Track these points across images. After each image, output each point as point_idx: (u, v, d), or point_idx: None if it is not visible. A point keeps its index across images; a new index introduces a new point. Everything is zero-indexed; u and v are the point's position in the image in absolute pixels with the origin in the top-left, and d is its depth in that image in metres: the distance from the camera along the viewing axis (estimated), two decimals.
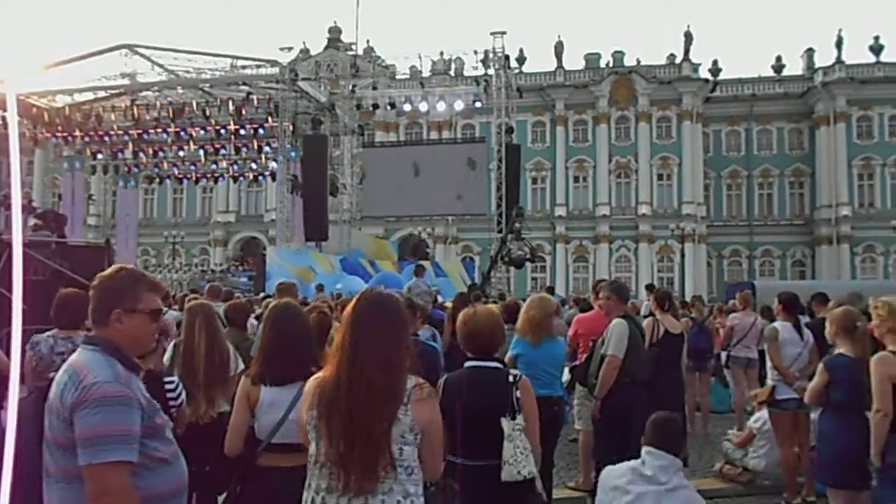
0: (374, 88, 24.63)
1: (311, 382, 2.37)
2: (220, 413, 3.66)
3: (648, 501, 3.48)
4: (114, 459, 1.89)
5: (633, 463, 3.64)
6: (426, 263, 18.98)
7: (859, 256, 40.18)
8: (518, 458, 2.96)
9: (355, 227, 29.74)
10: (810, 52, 44.03)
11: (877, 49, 40.94)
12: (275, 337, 3.01)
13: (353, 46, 32.12)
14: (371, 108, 25.62)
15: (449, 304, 7.95)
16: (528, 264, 21.37)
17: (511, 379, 3.13)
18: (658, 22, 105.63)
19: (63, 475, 1.97)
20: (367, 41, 39.85)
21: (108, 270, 2.21)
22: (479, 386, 3.07)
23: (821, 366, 4.34)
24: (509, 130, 24.28)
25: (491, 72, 23.98)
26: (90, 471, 1.89)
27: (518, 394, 3.08)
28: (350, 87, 26.00)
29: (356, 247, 26.23)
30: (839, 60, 40.72)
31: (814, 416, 4.66)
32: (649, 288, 14.41)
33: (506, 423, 2.99)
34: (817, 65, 42.47)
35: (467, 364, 3.20)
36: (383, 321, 2.30)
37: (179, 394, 3.36)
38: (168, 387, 3.29)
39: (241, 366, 3.94)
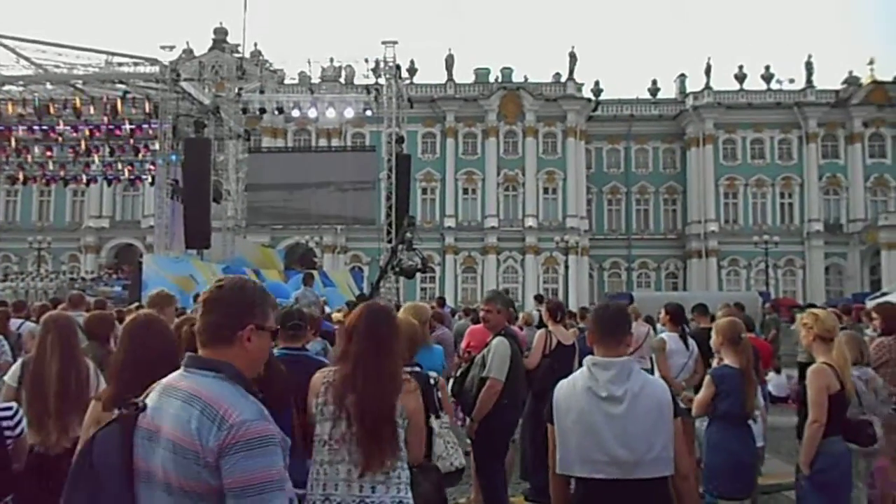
0: (262, 92, 23.86)
1: (318, 375, 2.90)
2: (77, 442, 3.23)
3: (615, 428, 2.72)
4: None
5: (581, 382, 2.80)
6: (314, 273, 18.47)
7: (725, 269, 43.00)
8: (449, 451, 3.32)
9: (240, 235, 28.63)
10: (682, 77, 46.98)
11: (741, 77, 44.18)
12: (131, 355, 2.64)
13: (240, 48, 31.02)
14: (258, 113, 24.82)
15: (337, 316, 7.65)
16: (417, 275, 21.28)
17: (433, 381, 3.41)
18: (544, 41, 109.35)
19: None
20: (255, 44, 38.58)
21: (232, 281, 1.93)
22: None
23: (707, 378, 4.43)
24: (400, 140, 24.17)
25: (382, 81, 23.82)
26: None
27: (439, 394, 3.46)
28: (236, 91, 25.05)
29: (240, 255, 25.23)
30: (708, 86, 43.64)
31: (699, 426, 4.76)
32: (538, 298, 14.65)
33: (435, 422, 3.26)
34: (689, 89, 45.36)
35: None
36: (386, 327, 2.89)
37: (18, 422, 2.91)
38: (3, 414, 2.84)
39: (104, 384, 3.51)
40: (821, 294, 39.45)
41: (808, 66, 43.71)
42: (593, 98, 44.23)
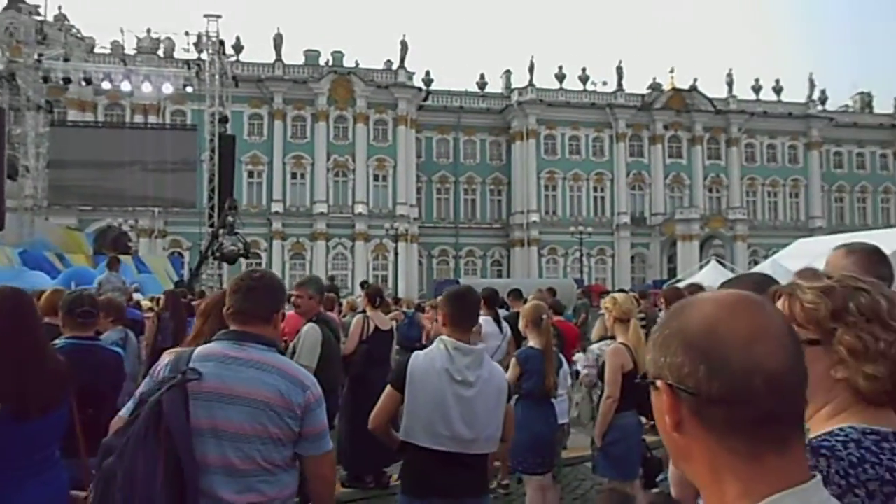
0: (66, 60, 21.82)
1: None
2: None
3: (463, 409, 2.87)
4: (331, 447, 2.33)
5: (439, 362, 2.87)
6: (126, 258, 17.20)
7: (545, 257, 45.59)
8: None
9: (40, 216, 25.99)
10: (508, 73, 49.06)
11: (560, 77, 46.91)
12: None
13: (40, 10, 28.07)
14: (62, 83, 22.71)
15: (147, 303, 7.19)
16: (242, 260, 20.51)
17: None
18: (376, 28, 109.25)
19: (269, 467, 2.13)
20: (59, 7, 35.16)
21: (268, 273, 2.47)
22: None
23: (513, 359, 4.65)
24: (223, 120, 23.11)
25: (204, 56, 22.66)
26: (327, 457, 2.28)
27: None
28: (35, 56, 22.67)
29: (42, 238, 22.88)
30: (531, 84, 45.87)
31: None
32: (363, 285, 14.68)
33: None
34: (514, 85, 47.41)
35: None
36: None
37: None
38: None
39: None
40: (627, 281, 42.96)
41: (619, 71, 47.35)
42: (424, 88, 44.90)
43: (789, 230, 45.36)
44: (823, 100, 51.37)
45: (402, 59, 43.24)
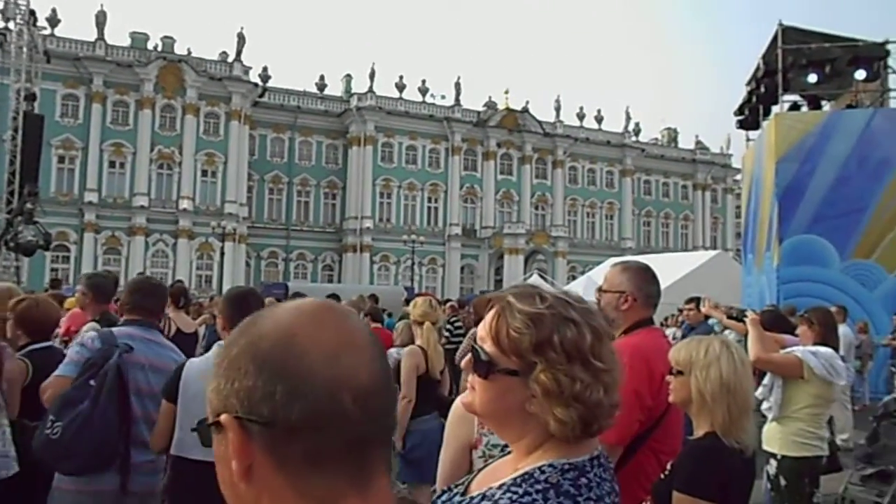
0: None
1: None
2: None
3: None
4: None
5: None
6: None
7: (377, 264, 45.72)
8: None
9: None
10: (349, 77, 48.89)
11: (400, 87, 47.49)
12: None
13: None
14: None
15: None
16: (45, 253, 18.64)
17: None
18: (211, 16, 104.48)
19: None
20: None
21: (152, 276, 3.38)
22: None
23: None
24: (31, 97, 20.91)
25: (11, 26, 20.43)
26: None
27: None
28: None
29: None
30: (371, 90, 45.96)
31: None
32: (173, 286, 13.90)
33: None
34: (354, 90, 47.27)
35: None
36: None
37: None
38: None
39: None
40: (456, 290, 44.11)
41: (457, 87, 48.78)
42: (261, 84, 43.50)
43: (604, 249, 48.93)
44: (637, 132, 56.13)
45: (239, 52, 41.61)
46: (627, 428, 2.42)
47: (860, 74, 14.19)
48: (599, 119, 54.25)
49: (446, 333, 9.77)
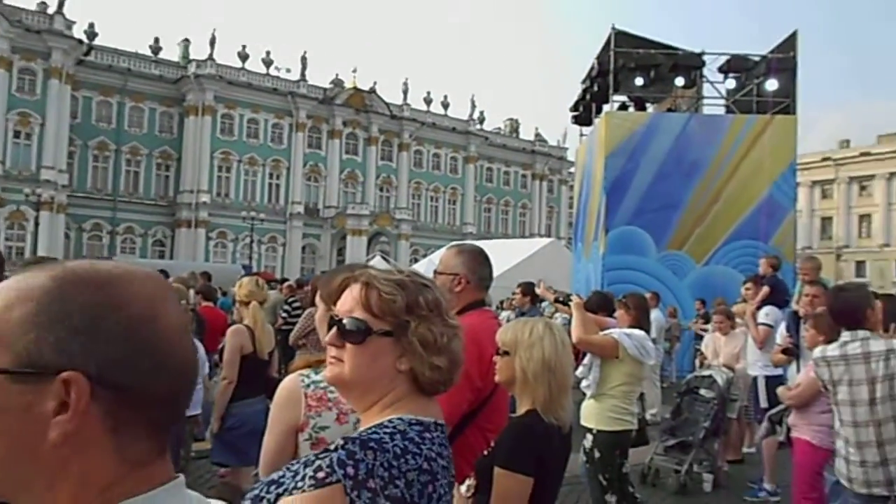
0: None
1: None
2: None
3: None
4: None
5: None
6: None
7: (213, 240, 43.72)
8: None
9: None
10: (186, 42, 46.06)
11: (243, 56, 45.45)
12: None
13: None
14: None
15: None
16: None
17: None
18: None
19: None
20: None
21: None
22: None
23: None
24: None
25: None
26: None
27: None
28: None
29: None
30: (211, 58, 43.60)
31: None
32: None
33: None
34: (192, 56, 44.61)
35: None
36: None
37: None
38: None
39: None
40: (296, 270, 43.22)
41: (304, 61, 47.53)
42: (86, 41, 39.87)
43: (446, 233, 50.04)
44: (481, 120, 57.70)
45: (61, 4, 37.79)
46: (457, 407, 2.49)
47: (679, 81, 15.50)
48: (446, 105, 55.16)
49: (283, 314, 9.57)
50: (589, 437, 4.35)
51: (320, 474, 1.04)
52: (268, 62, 46.47)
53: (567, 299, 4.87)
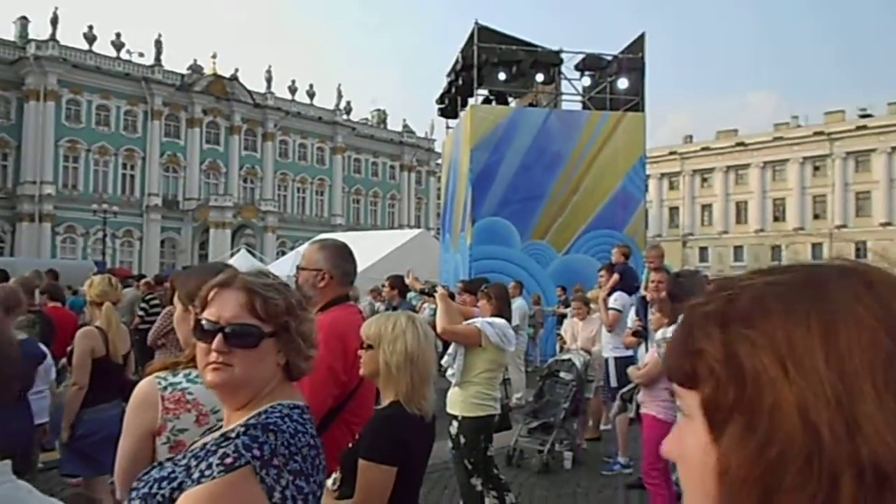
0: None
1: None
2: None
3: None
4: None
5: None
6: None
7: (60, 236, 40.61)
8: None
9: None
10: (24, 20, 42.23)
11: (90, 38, 42.36)
12: None
13: None
14: None
15: None
16: None
17: None
18: None
19: None
20: None
21: None
22: None
23: None
24: None
25: None
26: None
27: None
28: None
29: None
30: (53, 38, 40.30)
31: None
32: None
33: None
34: (32, 36, 40.97)
35: None
36: None
37: None
38: None
39: None
40: (155, 265, 41.02)
41: (158, 45, 44.95)
42: None
43: (314, 225, 49.20)
44: (348, 110, 57.15)
45: None
46: (322, 402, 2.50)
47: (539, 77, 16.11)
48: (312, 94, 54.14)
49: (140, 312, 9.10)
50: (455, 423, 4.48)
51: (228, 460, 1.15)
52: (118, 45, 43.58)
53: (433, 290, 4.97)
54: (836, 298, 0.51)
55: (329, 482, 2.12)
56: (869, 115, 62.66)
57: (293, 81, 53.04)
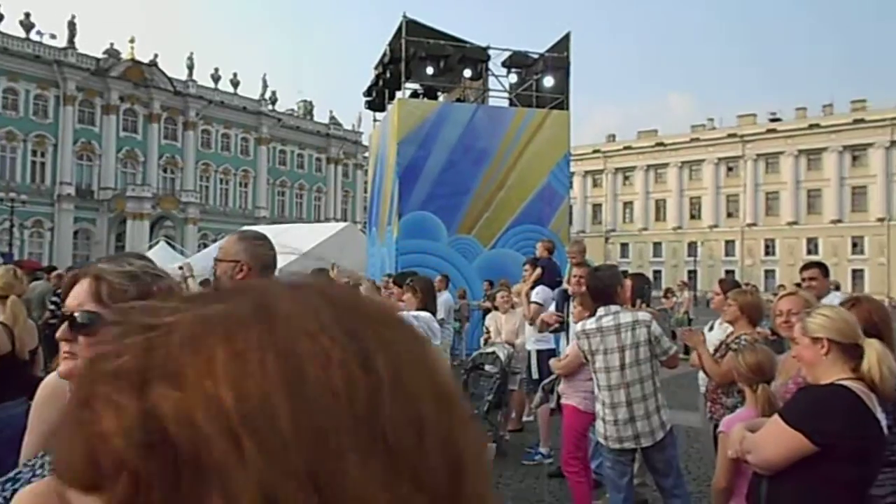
0: None
1: None
2: None
3: None
4: None
5: None
6: None
7: None
8: None
9: None
10: None
11: None
12: None
13: None
14: None
15: None
16: None
17: None
18: None
19: None
20: None
21: None
22: None
23: None
24: None
25: None
26: None
27: None
28: None
29: None
30: None
31: None
32: None
33: None
34: None
35: None
36: None
37: None
38: None
39: None
40: (68, 257, 39.28)
41: (71, 27, 42.92)
42: None
43: (238, 217, 48.11)
44: (274, 100, 56.07)
45: None
46: None
47: (467, 73, 16.22)
48: (236, 83, 52.86)
49: (51, 306, 8.71)
50: None
51: None
52: (27, 25, 41.39)
53: (357, 285, 4.95)
54: (294, 329, 0.36)
55: None
56: (778, 119, 65.91)
57: (216, 69, 51.68)
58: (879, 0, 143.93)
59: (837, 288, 11.67)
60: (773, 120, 65.76)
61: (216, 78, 51.40)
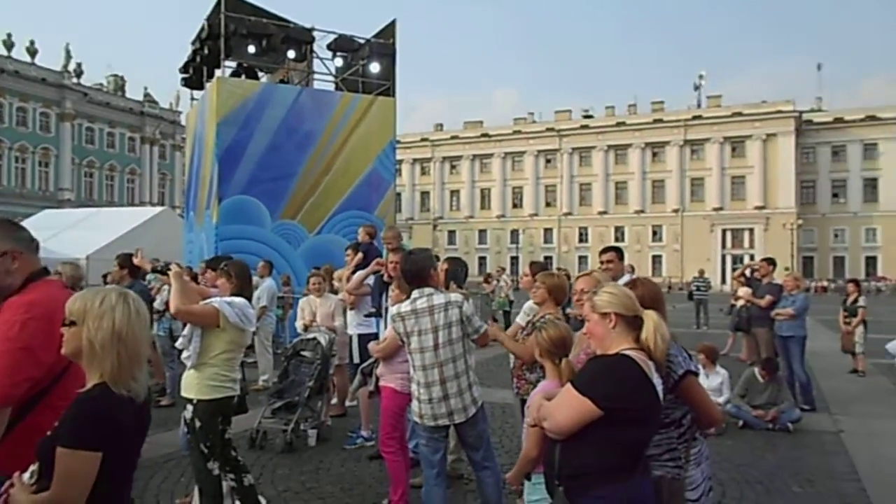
0: None
1: None
2: None
3: None
4: None
5: None
6: None
7: None
8: None
9: None
10: None
11: None
12: None
13: None
14: None
15: None
16: None
17: None
18: None
19: None
20: None
21: None
22: None
23: None
24: None
25: None
26: None
27: None
28: None
29: None
30: None
31: None
32: None
33: None
34: None
35: None
36: None
37: None
38: None
39: None
40: None
41: None
42: None
43: (37, 199, 43.77)
44: (79, 73, 51.31)
45: None
46: (12, 388, 2.26)
47: (291, 54, 15.79)
48: (33, 52, 47.71)
49: None
50: (189, 407, 4.28)
51: None
52: None
53: (166, 269, 4.67)
54: None
55: (25, 476, 1.92)
56: (590, 116, 70.81)
57: (9, 35, 46.25)
58: (681, 5, 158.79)
59: (633, 270, 12.79)
60: (586, 116, 70.55)
61: (9, 45, 46.08)
